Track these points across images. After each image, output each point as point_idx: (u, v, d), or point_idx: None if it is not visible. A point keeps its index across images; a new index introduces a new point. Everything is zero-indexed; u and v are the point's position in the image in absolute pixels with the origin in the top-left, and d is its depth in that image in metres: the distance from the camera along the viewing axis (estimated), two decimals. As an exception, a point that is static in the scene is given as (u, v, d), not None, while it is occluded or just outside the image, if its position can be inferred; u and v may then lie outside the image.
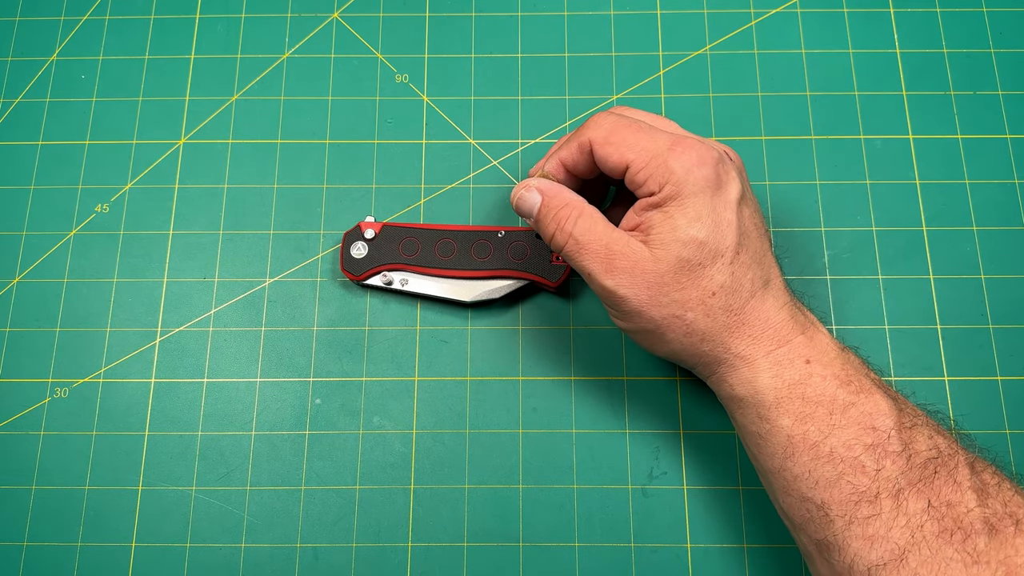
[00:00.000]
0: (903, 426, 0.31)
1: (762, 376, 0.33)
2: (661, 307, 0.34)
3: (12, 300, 0.43)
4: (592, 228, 0.35)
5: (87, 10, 0.49)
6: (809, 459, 0.31)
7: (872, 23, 0.48)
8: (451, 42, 0.48)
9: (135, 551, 0.39)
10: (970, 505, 0.29)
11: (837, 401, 0.31)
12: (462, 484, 0.40)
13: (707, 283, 0.33)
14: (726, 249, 0.33)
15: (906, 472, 0.30)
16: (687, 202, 0.33)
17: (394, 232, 0.42)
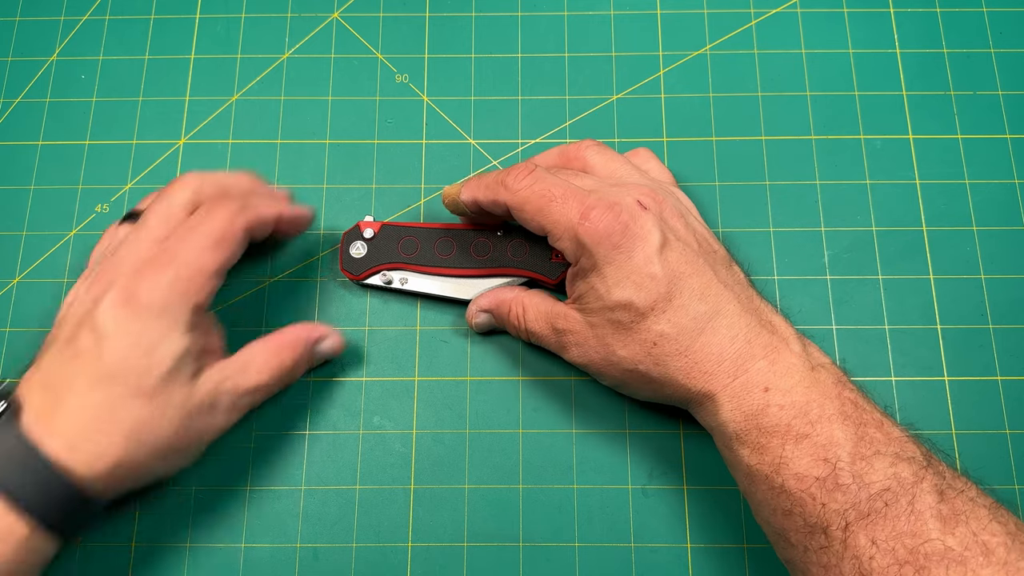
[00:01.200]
0: (858, 456, 0.30)
1: (722, 409, 0.33)
2: (614, 365, 0.35)
3: (12, 300, 0.43)
4: (537, 314, 0.38)
5: (87, 10, 0.49)
6: (765, 489, 0.32)
7: (872, 23, 0.48)
8: (451, 42, 0.48)
9: (135, 551, 0.39)
10: (930, 535, 0.28)
11: (791, 432, 0.31)
12: (462, 484, 0.40)
13: (646, 335, 0.34)
14: (655, 302, 0.33)
15: (855, 505, 0.29)
16: (604, 271, 0.34)
17: (393, 231, 0.42)
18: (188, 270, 0.34)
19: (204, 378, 0.35)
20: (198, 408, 0.34)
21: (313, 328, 0.39)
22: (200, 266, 0.34)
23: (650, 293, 0.33)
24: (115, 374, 0.32)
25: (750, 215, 0.44)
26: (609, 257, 0.34)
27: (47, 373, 0.33)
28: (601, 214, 0.34)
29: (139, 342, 0.33)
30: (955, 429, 0.40)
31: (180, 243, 0.35)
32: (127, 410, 0.32)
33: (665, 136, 0.46)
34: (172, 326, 0.33)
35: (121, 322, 0.33)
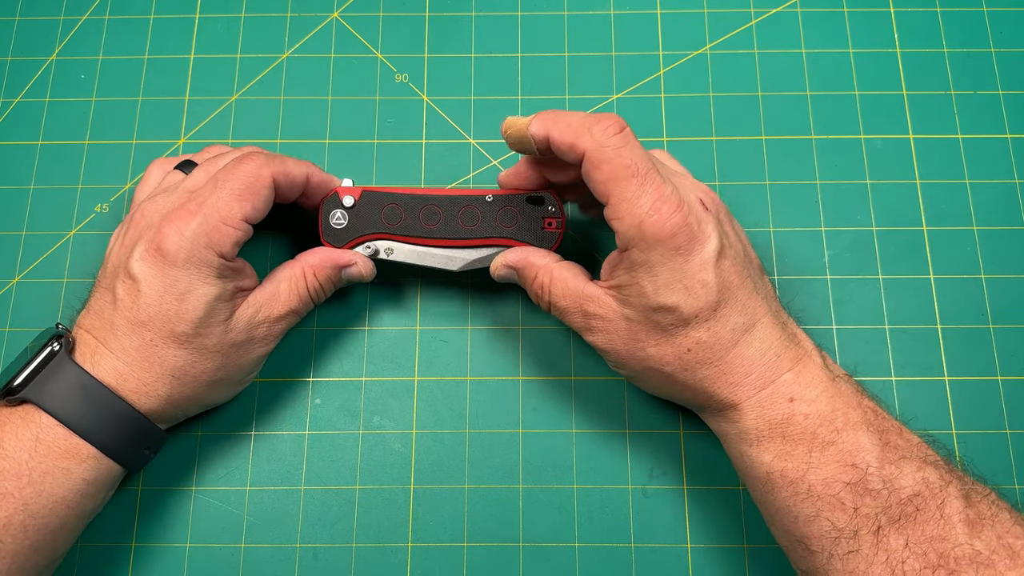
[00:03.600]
0: (886, 461, 0.30)
1: (745, 418, 0.33)
2: (639, 360, 0.35)
3: (12, 300, 0.43)
4: (566, 290, 0.36)
5: (87, 10, 0.49)
6: (788, 495, 0.31)
7: (872, 23, 0.48)
8: (451, 42, 0.48)
9: (135, 551, 0.39)
10: (959, 539, 0.28)
11: (817, 439, 0.31)
12: (462, 484, 0.40)
13: (682, 340, 0.33)
14: (701, 310, 0.33)
15: (886, 509, 0.29)
16: (656, 270, 0.32)
17: (375, 198, 0.39)
18: (212, 220, 0.34)
19: (238, 315, 0.36)
20: (234, 345, 0.36)
21: (340, 254, 0.39)
22: (225, 215, 0.34)
23: (699, 300, 0.32)
24: (150, 321, 0.34)
25: (750, 215, 0.44)
26: (667, 255, 0.32)
27: (93, 316, 0.35)
28: (672, 211, 0.32)
29: (170, 291, 0.34)
30: (955, 429, 0.40)
31: (206, 193, 0.35)
32: (164, 354, 0.34)
33: (665, 136, 0.46)
34: (200, 274, 0.34)
35: (152, 272, 0.34)
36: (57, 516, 0.33)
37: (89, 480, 0.34)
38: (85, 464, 0.33)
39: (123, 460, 0.35)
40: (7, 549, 0.32)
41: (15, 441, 0.32)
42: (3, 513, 0.31)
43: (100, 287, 0.36)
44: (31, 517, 0.32)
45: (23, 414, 0.33)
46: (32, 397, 0.33)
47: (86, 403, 0.33)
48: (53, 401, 0.33)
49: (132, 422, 0.34)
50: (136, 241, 0.35)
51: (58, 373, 0.34)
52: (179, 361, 0.35)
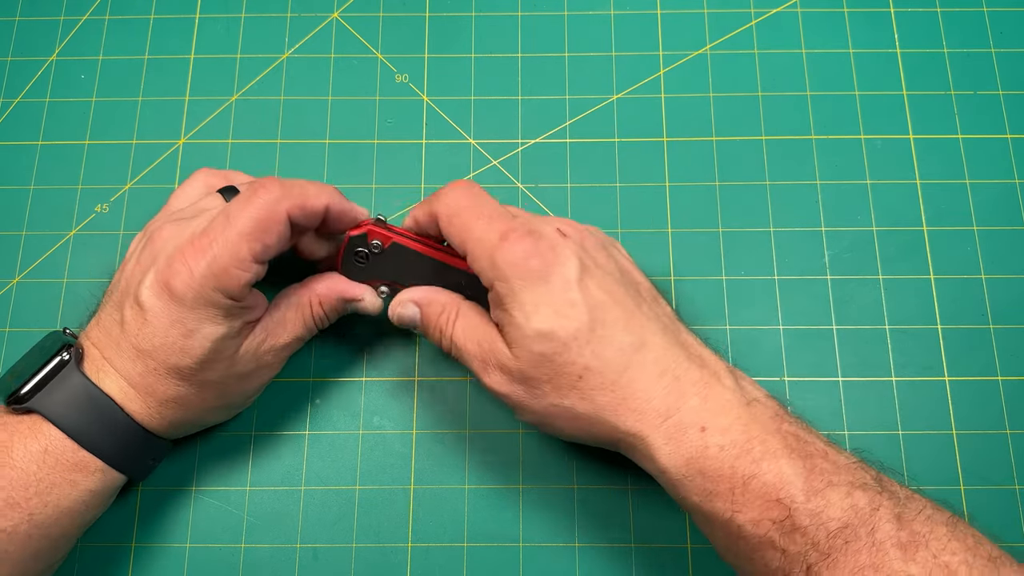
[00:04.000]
0: (812, 492, 0.29)
1: (659, 455, 0.31)
2: (539, 399, 0.33)
3: (12, 300, 0.43)
4: (466, 331, 0.35)
5: (87, 10, 0.49)
6: (724, 535, 0.30)
7: (872, 23, 0.48)
8: (451, 42, 0.48)
9: (135, 551, 0.39)
10: (893, 566, 0.27)
11: (737, 475, 0.30)
12: (462, 484, 0.40)
13: (571, 368, 0.32)
14: (577, 331, 0.32)
15: (815, 545, 0.28)
16: (521, 297, 0.32)
17: (404, 253, 0.38)
18: (221, 262, 0.32)
19: (246, 347, 0.35)
20: (239, 376, 0.36)
21: (350, 287, 0.38)
22: (236, 255, 0.32)
23: (571, 321, 0.32)
24: (154, 351, 0.33)
25: (750, 215, 0.44)
26: (527, 281, 0.32)
27: (101, 331, 0.35)
28: (520, 238, 0.32)
29: (175, 327, 0.33)
30: (955, 429, 0.40)
31: (219, 230, 0.33)
32: (167, 383, 0.34)
33: (665, 136, 0.46)
34: (208, 314, 0.33)
35: (160, 305, 0.33)
36: (61, 526, 0.33)
37: (95, 491, 0.34)
38: (92, 477, 0.33)
39: (128, 471, 0.35)
40: (11, 558, 0.32)
41: (24, 452, 0.32)
42: (9, 523, 0.31)
43: (110, 302, 0.35)
44: (35, 527, 0.32)
45: (31, 424, 0.33)
46: (40, 408, 0.33)
47: (94, 416, 0.33)
48: (61, 412, 0.33)
49: (137, 437, 0.34)
50: (150, 266, 0.34)
51: (65, 384, 0.33)
52: (181, 392, 0.34)
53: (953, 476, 0.40)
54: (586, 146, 0.46)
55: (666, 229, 0.44)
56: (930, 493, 0.39)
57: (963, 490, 0.40)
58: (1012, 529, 0.39)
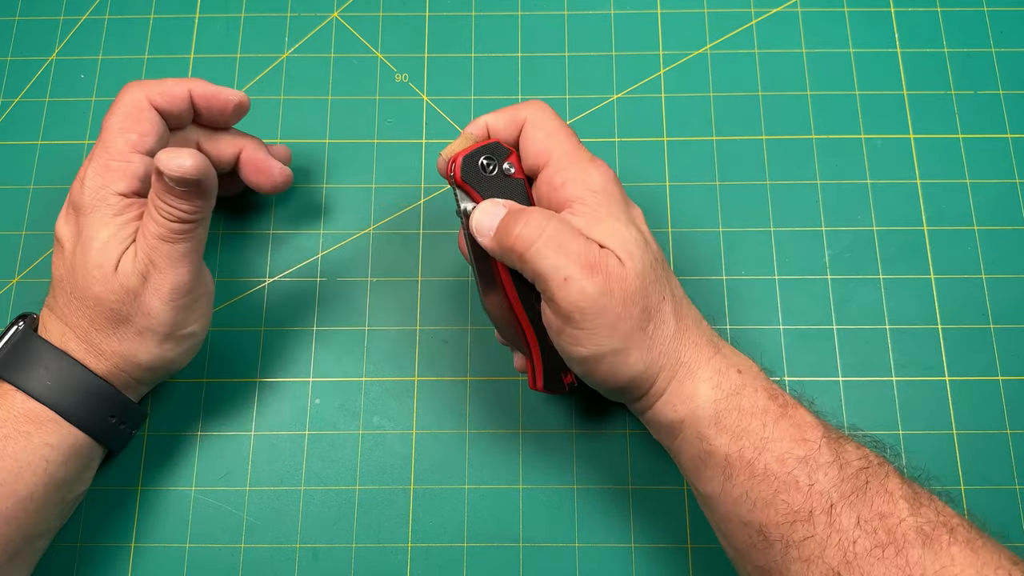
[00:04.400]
0: (831, 437, 0.30)
1: (703, 388, 0.32)
2: (631, 319, 0.31)
3: (12, 300, 0.43)
4: (569, 229, 0.32)
5: (86, 10, 0.49)
6: (746, 478, 0.30)
7: (873, 22, 0.48)
8: (451, 42, 0.48)
9: (135, 551, 0.39)
10: (902, 515, 0.28)
11: (769, 412, 0.31)
12: (462, 484, 0.40)
13: (659, 287, 0.33)
14: (658, 254, 0.34)
15: (838, 484, 0.29)
16: (615, 210, 0.33)
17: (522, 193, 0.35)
18: (102, 160, 0.35)
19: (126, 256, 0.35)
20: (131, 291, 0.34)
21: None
22: (112, 150, 0.35)
23: (653, 246, 0.34)
24: (69, 275, 0.35)
25: (750, 215, 0.44)
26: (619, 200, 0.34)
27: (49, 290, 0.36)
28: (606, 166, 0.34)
29: (79, 241, 0.34)
30: (955, 429, 0.40)
31: (97, 141, 0.36)
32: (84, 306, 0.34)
33: (665, 136, 0.46)
34: (104, 217, 0.34)
35: (68, 229, 0.35)
36: (24, 483, 0.33)
37: (52, 445, 0.33)
38: (45, 428, 0.33)
39: (85, 427, 0.34)
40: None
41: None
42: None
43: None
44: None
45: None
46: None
47: (38, 365, 0.34)
48: (7, 367, 0.34)
49: (85, 383, 0.34)
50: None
51: (19, 345, 0.35)
52: (100, 311, 0.34)
53: (953, 476, 0.40)
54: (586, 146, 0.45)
55: (666, 229, 0.44)
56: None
57: (963, 490, 0.40)
58: (1012, 529, 0.39)
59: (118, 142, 0.35)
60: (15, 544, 0.33)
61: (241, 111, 0.39)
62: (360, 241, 0.44)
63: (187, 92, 0.37)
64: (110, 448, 0.37)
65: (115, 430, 0.36)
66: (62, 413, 0.34)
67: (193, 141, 0.39)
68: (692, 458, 0.32)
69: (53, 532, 0.36)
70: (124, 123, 0.35)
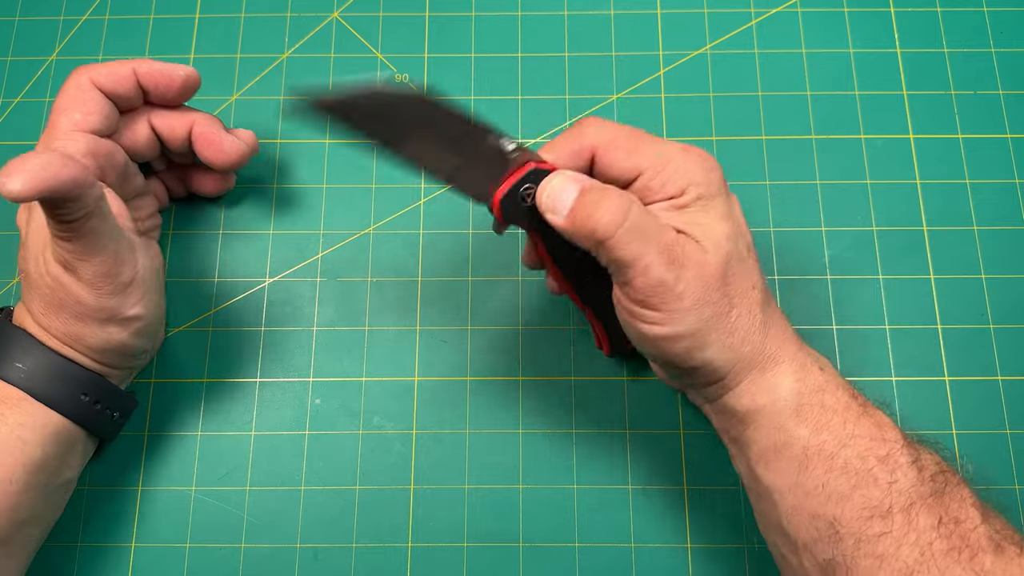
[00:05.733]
0: (908, 442, 0.31)
1: (786, 380, 0.32)
2: (711, 304, 0.31)
3: (12, 300, 0.43)
4: (648, 215, 0.31)
5: (87, 10, 0.49)
6: (823, 471, 0.30)
7: (872, 22, 0.48)
8: (451, 42, 0.48)
9: (135, 551, 0.39)
10: (976, 522, 0.29)
11: (851, 410, 0.31)
12: (462, 484, 0.40)
13: (748, 276, 0.32)
14: (750, 245, 0.34)
15: (917, 485, 0.29)
16: (715, 201, 0.33)
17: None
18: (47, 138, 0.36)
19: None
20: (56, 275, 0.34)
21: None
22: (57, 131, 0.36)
23: (747, 235, 0.34)
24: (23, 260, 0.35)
25: (750, 215, 0.43)
26: (718, 188, 0.33)
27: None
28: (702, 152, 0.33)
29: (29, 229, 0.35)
30: (955, 429, 0.40)
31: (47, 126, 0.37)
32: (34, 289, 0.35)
33: (665, 136, 0.46)
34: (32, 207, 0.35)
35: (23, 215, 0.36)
36: (2, 465, 0.33)
37: (25, 425, 0.34)
38: (18, 408, 0.34)
39: (58, 406, 0.35)
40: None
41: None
42: None
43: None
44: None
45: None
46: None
47: (12, 351, 0.34)
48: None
49: (52, 363, 0.35)
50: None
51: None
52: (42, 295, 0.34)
53: (953, 476, 0.40)
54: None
55: (666, 229, 0.44)
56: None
57: (963, 490, 0.40)
58: (1012, 529, 0.39)
59: (61, 122, 0.36)
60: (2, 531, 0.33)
61: (189, 86, 0.39)
62: (360, 241, 0.44)
63: (131, 71, 0.37)
64: (95, 433, 0.37)
65: (94, 412, 0.36)
66: (33, 393, 0.34)
67: (144, 119, 0.39)
68: (765, 448, 0.32)
69: (45, 521, 0.36)
70: (67, 103, 0.36)
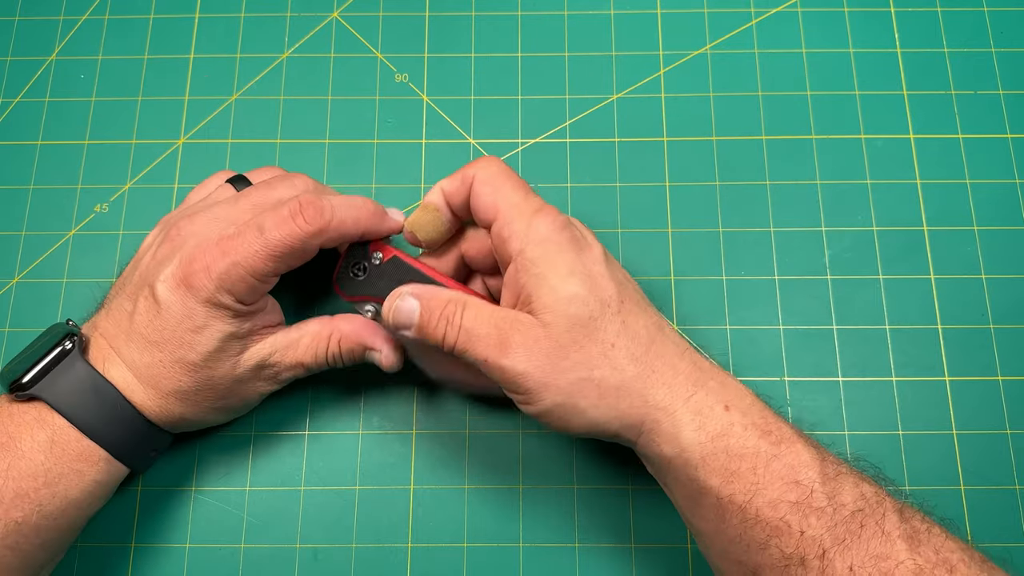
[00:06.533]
0: (827, 477, 0.30)
1: (685, 430, 0.31)
2: (566, 373, 0.32)
3: (12, 300, 0.43)
4: (479, 314, 0.33)
5: (86, 10, 0.49)
6: (739, 521, 0.30)
7: (873, 22, 0.48)
8: (451, 42, 0.48)
9: (135, 551, 0.39)
10: (900, 557, 0.28)
11: (760, 455, 0.30)
12: (462, 484, 0.40)
13: (603, 335, 0.32)
14: (609, 299, 0.32)
15: (831, 529, 0.29)
16: (556, 260, 0.32)
17: (402, 268, 0.37)
18: (242, 269, 0.33)
19: (250, 353, 0.36)
20: (240, 380, 0.36)
21: (374, 336, 0.37)
22: (257, 268, 0.33)
23: (604, 291, 0.32)
24: (163, 343, 0.34)
25: (750, 215, 0.44)
26: (562, 247, 0.33)
27: (110, 321, 0.35)
28: (556, 213, 0.34)
29: (187, 321, 0.34)
30: (955, 429, 0.40)
31: (248, 239, 0.34)
32: (171, 376, 0.34)
33: (665, 136, 0.46)
34: (219, 313, 0.34)
35: (174, 299, 0.34)
36: (68, 517, 0.33)
37: (100, 482, 0.34)
38: (97, 467, 0.34)
39: (131, 463, 0.35)
40: (22, 548, 0.32)
41: (31, 442, 0.33)
42: (20, 513, 0.32)
43: (123, 293, 0.36)
44: (44, 518, 0.32)
45: (37, 415, 0.33)
46: (44, 395, 0.33)
47: (97, 405, 0.34)
48: (65, 401, 0.33)
49: (141, 427, 0.35)
50: (166, 259, 0.34)
51: (70, 373, 0.34)
52: (184, 386, 0.35)
53: (953, 476, 0.40)
54: (586, 146, 0.46)
55: (666, 229, 0.44)
56: (930, 493, 0.39)
57: (963, 490, 0.40)
58: (1012, 529, 0.39)
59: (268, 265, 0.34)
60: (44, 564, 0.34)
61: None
62: (360, 241, 0.44)
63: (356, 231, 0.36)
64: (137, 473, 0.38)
65: (151, 461, 0.37)
66: (115, 454, 0.34)
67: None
68: (686, 496, 0.32)
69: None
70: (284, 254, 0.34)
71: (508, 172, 0.35)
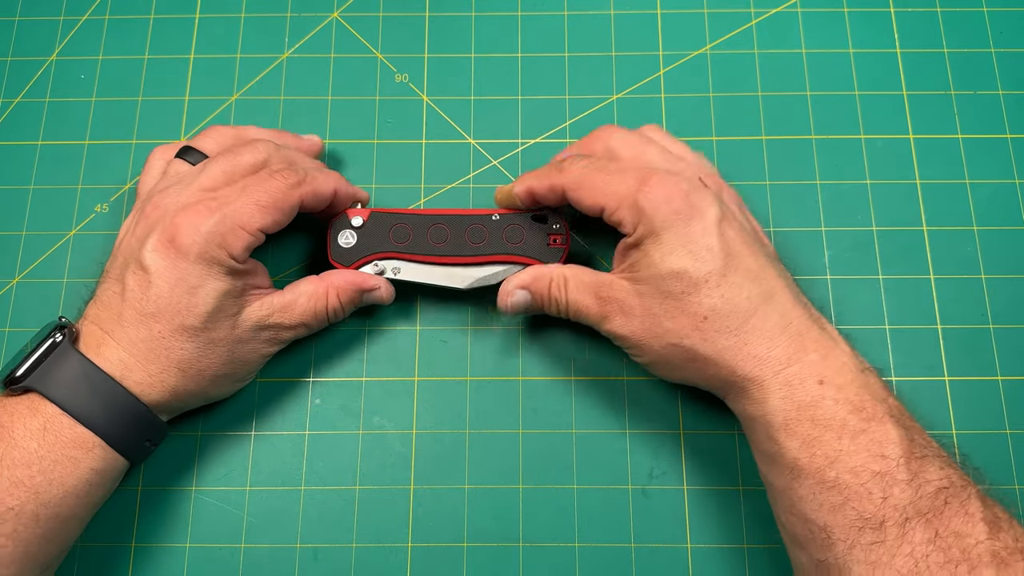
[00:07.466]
0: (913, 456, 0.30)
1: (772, 398, 0.32)
2: (659, 338, 0.34)
3: (12, 300, 0.43)
4: (581, 284, 0.37)
5: (87, 10, 0.49)
6: (814, 483, 0.31)
7: (872, 23, 0.48)
8: (451, 42, 0.48)
9: (135, 551, 0.39)
10: (980, 537, 0.29)
11: (847, 427, 0.31)
12: (462, 484, 0.40)
13: (696, 309, 0.33)
14: (709, 274, 0.33)
15: (914, 501, 0.29)
16: (660, 237, 0.34)
17: (383, 218, 0.40)
18: (229, 222, 0.35)
19: (247, 313, 0.36)
20: (240, 341, 0.36)
21: (366, 278, 0.39)
22: (244, 222, 0.35)
23: (705, 264, 0.33)
24: (159, 312, 0.34)
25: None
26: (668, 222, 0.34)
27: (100, 307, 0.35)
28: (661, 180, 0.34)
29: (181, 284, 0.34)
30: (955, 429, 0.40)
31: (230, 198, 0.35)
32: (172, 345, 0.35)
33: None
34: (211, 270, 0.35)
35: (164, 263, 0.34)
36: (68, 506, 0.33)
37: (97, 470, 0.34)
38: (92, 454, 0.34)
39: (126, 451, 0.35)
40: (20, 536, 0.32)
41: (24, 431, 0.33)
42: (16, 501, 0.32)
43: (109, 278, 0.36)
44: (42, 506, 0.32)
45: (29, 404, 0.33)
46: (36, 385, 0.33)
47: (90, 392, 0.34)
48: (57, 390, 0.33)
49: (135, 413, 0.35)
50: (148, 232, 0.35)
51: (61, 363, 0.34)
52: (186, 354, 0.35)
53: (953, 476, 0.40)
54: (586, 146, 0.46)
55: (666, 229, 0.44)
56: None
57: (963, 490, 0.40)
58: (1012, 529, 0.39)
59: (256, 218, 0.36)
60: (50, 558, 0.34)
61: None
62: (360, 241, 0.44)
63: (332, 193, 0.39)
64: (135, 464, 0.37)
65: (147, 452, 0.37)
66: (109, 441, 0.34)
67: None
68: (762, 452, 0.34)
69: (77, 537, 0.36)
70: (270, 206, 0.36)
71: (592, 167, 0.36)
